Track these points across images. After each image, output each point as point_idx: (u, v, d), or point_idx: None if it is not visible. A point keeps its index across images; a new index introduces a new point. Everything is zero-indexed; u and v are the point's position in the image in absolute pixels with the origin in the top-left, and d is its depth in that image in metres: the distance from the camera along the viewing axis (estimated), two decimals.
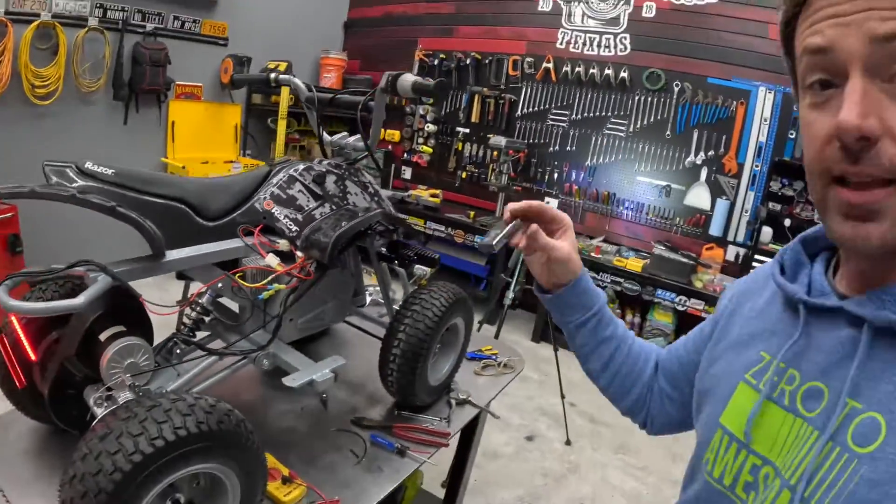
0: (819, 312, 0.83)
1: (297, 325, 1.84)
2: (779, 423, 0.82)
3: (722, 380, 0.96)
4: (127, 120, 5.80)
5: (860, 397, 0.72)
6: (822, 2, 0.70)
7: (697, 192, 5.91)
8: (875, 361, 0.72)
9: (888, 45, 0.63)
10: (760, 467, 0.83)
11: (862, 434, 0.69)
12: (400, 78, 1.81)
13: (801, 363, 0.82)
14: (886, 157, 0.65)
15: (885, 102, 0.65)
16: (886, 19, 0.63)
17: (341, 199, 1.84)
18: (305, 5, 7.41)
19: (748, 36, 5.59)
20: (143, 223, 1.32)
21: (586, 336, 1.24)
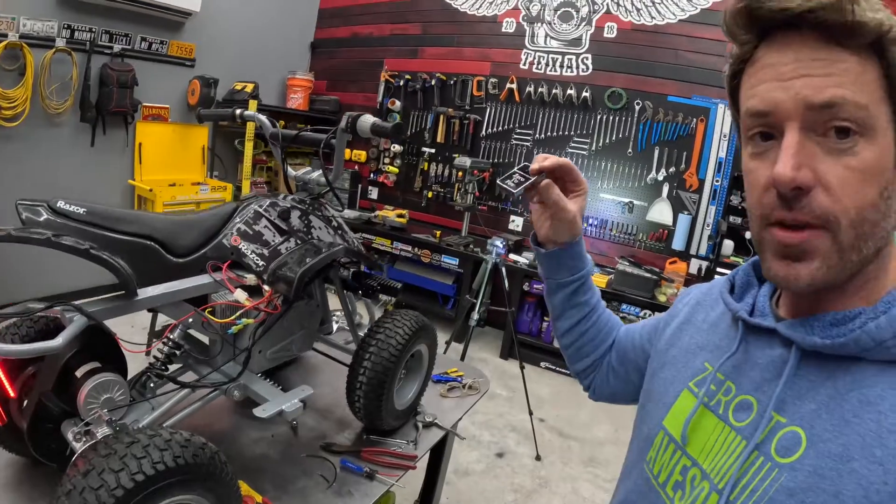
0: (757, 331, 0.90)
1: (266, 356, 1.89)
2: (711, 429, 0.89)
3: (669, 386, 1.03)
4: (94, 142, 5.76)
5: (785, 412, 0.79)
6: (765, 62, 0.78)
7: (660, 207, 6.01)
8: (802, 381, 0.79)
9: (822, 110, 0.71)
10: (689, 468, 0.90)
11: (784, 446, 0.77)
12: (359, 119, 1.88)
13: (738, 377, 0.89)
14: (817, 205, 0.73)
15: (819, 155, 0.73)
16: (821, 87, 0.71)
17: (306, 233, 1.90)
18: (272, 26, 7.43)
19: (707, 55, 5.71)
20: (115, 265, 1.37)
21: (565, 297, 1.31)
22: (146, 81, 5.95)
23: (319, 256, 1.74)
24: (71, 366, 1.45)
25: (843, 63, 0.71)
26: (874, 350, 0.73)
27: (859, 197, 0.72)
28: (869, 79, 0.72)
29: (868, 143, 0.72)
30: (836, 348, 0.76)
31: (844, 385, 0.75)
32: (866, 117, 0.71)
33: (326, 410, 2.17)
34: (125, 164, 6.15)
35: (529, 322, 6.21)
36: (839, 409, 0.73)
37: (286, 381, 2.24)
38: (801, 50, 0.74)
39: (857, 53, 0.72)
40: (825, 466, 0.71)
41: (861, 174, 0.72)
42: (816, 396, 0.77)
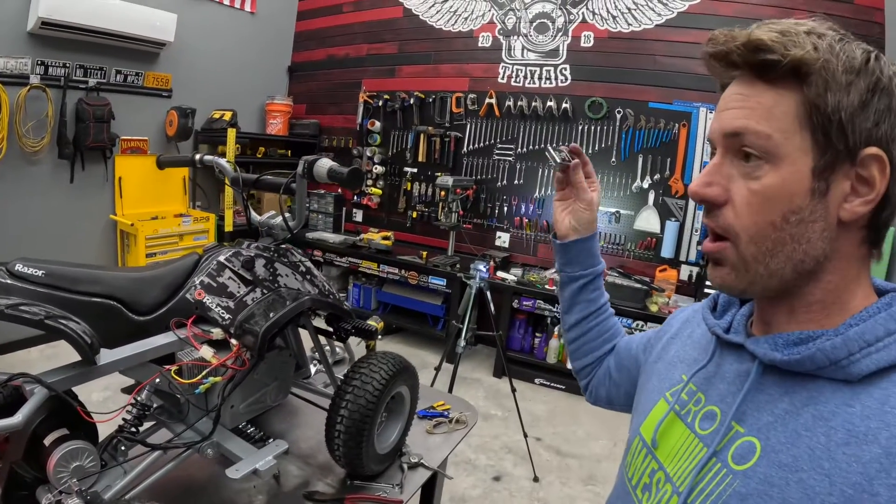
0: (729, 346, 0.97)
1: (238, 411, 1.83)
2: (678, 436, 0.96)
3: (650, 395, 1.12)
4: (73, 178, 5.71)
5: (744, 423, 0.84)
6: (721, 97, 0.88)
7: (647, 215, 5.98)
8: (762, 394, 0.85)
9: (733, 138, 0.82)
10: (656, 471, 0.97)
11: (740, 454, 0.82)
12: (316, 164, 1.83)
13: (708, 388, 0.96)
14: (722, 218, 0.84)
15: (734, 177, 0.83)
16: (732, 119, 0.82)
17: (272, 282, 1.85)
18: (248, 51, 7.41)
19: (686, 59, 5.71)
20: (71, 334, 1.32)
21: (575, 290, 1.41)
22: (123, 114, 5.91)
23: (283, 311, 1.69)
24: (39, 434, 1.39)
25: (758, 97, 0.81)
26: (829, 368, 0.77)
27: (759, 216, 0.80)
28: (781, 111, 0.79)
29: (772, 169, 0.79)
30: (793, 364, 0.80)
31: (800, 400, 0.79)
32: (768, 146, 0.79)
33: (309, 455, 2.11)
34: (106, 200, 6.10)
35: (521, 339, 6.15)
36: (794, 422, 0.78)
37: (266, 425, 2.17)
38: (736, 86, 0.85)
39: (776, 87, 0.79)
40: (775, 475, 0.76)
41: (760, 197, 0.80)
42: (774, 409, 0.82)
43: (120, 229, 6.14)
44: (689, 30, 5.68)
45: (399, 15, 7.18)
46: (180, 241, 6.16)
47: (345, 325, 2.13)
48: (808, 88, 0.76)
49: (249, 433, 1.94)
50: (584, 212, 1.36)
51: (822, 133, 0.77)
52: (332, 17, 7.77)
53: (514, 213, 6.56)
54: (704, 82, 5.58)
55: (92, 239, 6.05)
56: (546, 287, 5.85)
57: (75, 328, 1.35)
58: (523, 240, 6.56)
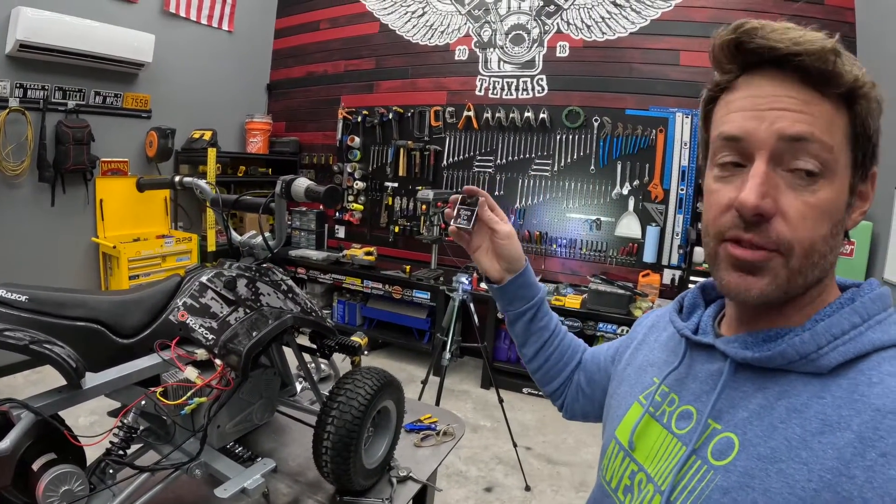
0: (699, 347, 0.98)
1: (225, 430, 1.83)
2: (655, 437, 0.97)
3: (622, 400, 1.12)
4: (54, 201, 5.68)
5: (721, 420, 0.86)
6: (744, 92, 0.84)
7: (627, 221, 6.01)
8: (736, 391, 0.86)
9: (793, 143, 0.78)
10: (636, 473, 0.98)
11: (719, 450, 0.84)
12: (294, 183, 1.84)
13: (681, 389, 0.98)
14: (775, 233, 0.79)
15: (782, 188, 0.79)
16: (794, 121, 0.77)
17: (254, 301, 1.85)
18: (227, 70, 7.43)
19: (661, 65, 5.80)
20: (56, 359, 1.33)
21: (524, 325, 1.40)
22: (103, 136, 5.90)
23: (266, 329, 1.69)
24: (27, 459, 1.39)
25: (818, 106, 0.78)
26: (799, 362, 0.80)
27: (814, 230, 0.79)
28: (837, 126, 0.79)
29: (827, 184, 0.79)
30: (765, 361, 0.83)
31: (774, 395, 0.82)
32: (829, 159, 0.78)
33: (298, 473, 2.11)
34: (87, 222, 6.07)
35: (507, 349, 6.16)
36: (769, 416, 0.80)
37: (253, 444, 2.17)
38: (779, 86, 0.80)
39: (831, 101, 0.79)
40: (755, 467, 0.78)
41: (819, 210, 0.78)
42: (749, 405, 0.84)
43: (102, 252, 6.11)
44: (663, 36, 5.77)
45: (376, 31, 7.22)
46: (163, 262, 6.14)
47: (328, 342, 2.14)
48: (860, 109, 0.79)
49: (237, 452, 1.94)
50: (508, 247, 1.34)
51: (863, 153, 0.82)
52: (310, 34, 7.80)
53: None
54: (680, 88, 5.68)
55: (74, 262, 6.02)
56: None
57: (60, 352, 1.36)
58: None
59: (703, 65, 5.61)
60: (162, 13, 6.48)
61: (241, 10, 7.45)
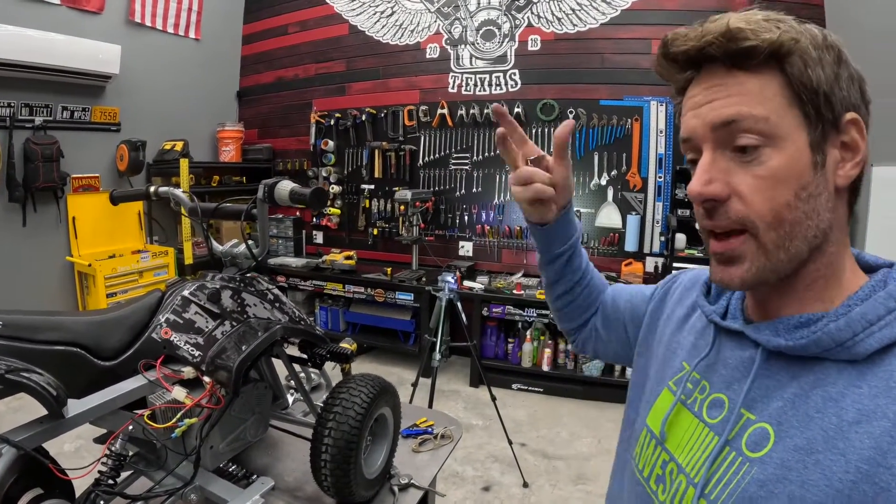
0: (728, 333, 0.96)
1: (218, 451, 1.76)
2: (687, 426, 0.95)
3: (654, 385, 1.10)
4: (26, 221, 5.59)
5: (754, 410, 0.84)
6: (688, 95, 0.88)
7: (607, 211, 6.04)
8: (770, 380, 0.84)
9: (725, 128, 0.80)
10: (668, 462, 0.96)
11: (754, 441, 0.82)
12: (277, 187, 1.77)
13: (711, 376, 0.95)
14: (733, 212, 0.81)
15: (732, 169, 0.81)
16: (721, 108, 0.81)
17: (240, 313, 1.79)
18: (195, 79, 7.34)
19: (633, 54, 5.83)
20: (35, 387, 1.26)
21: (560, 266, 1.33)
22: (72, 152, 5.82)
23: (256, 342, 1.63)
24: (12, 495, 1.33)
25: (741, 84, 0.80)
26: (834, 350, 0.78)
27: (772, 201, 0.79)
28: (770, 93, 0.79)
29: (775, 151, 0.79)
30: (799, 349, 0.81)
31: (808, 383, 0.79)
32: (767, 128, 0.78)
33: (296, 489, 2.04)
34: (61, 241, 5.97)
35: (494, 346, 6.13)
36: (804, 405, 0.78)
37: (248, 462, 2.11)
38: (708, 80, 0.84)
39: (756, 72, 0.80)
40: (792, 459, 0.76)
41: (770, 180, 0.79)
42: (783, 394, 0.81)
43: (78, 271, 6.02)
44: (634, 26, 5.80)
45: (345, 32, 7.17)
46: (140, 277, 6.05)
47: (319, 351, 2.07)
48: (791, 68, 0.78)
49: (232, 472, 1.88)
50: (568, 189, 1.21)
51: (812, 107, 0.79)
52: (278, 38, 7.73)
53: (475, 222, 6.58)
54: (653, 77, 5.54)
55: (49, 283, 5.91)
56: (514, 292, 5.85)
57: (39, 380, 1.29)
58: (487, 247, 6.56)
59: None
60: (127, 23, 6.38)
61: (207, 18, 7.37)
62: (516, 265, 6.46)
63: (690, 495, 0.87)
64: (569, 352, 5.84)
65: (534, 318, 5.80)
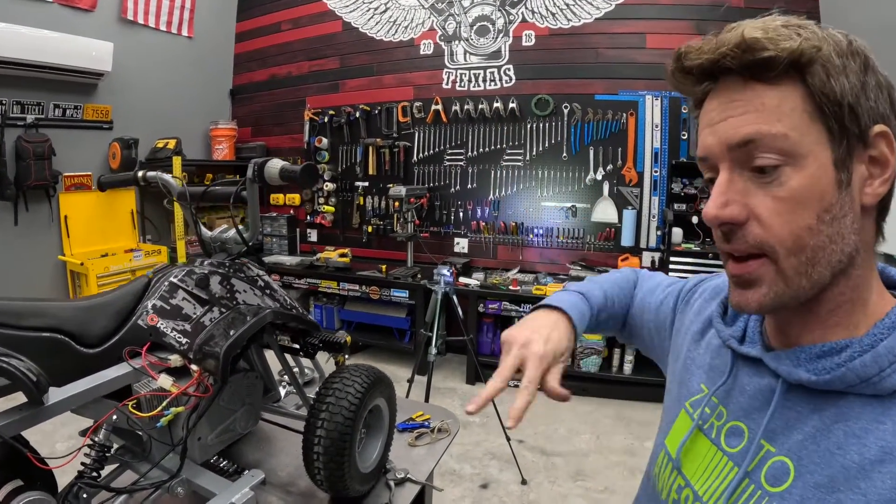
0: (746, 359, 0.92)
1: (207, 442, 1.72)
2: (704, 452, 0.92)
3: (672, 405, 1.08)
4: (17, 220, 5.56)
5: (775, 442, 0.81)
6: (704, 110, 0.83)
7: (603, 206, 6.00)
8: (790, 411, 0.81)
9: (742, 148, 0.75)
10: (683, 488, 0.94)
11: (773, 476, 0.79)
12: (267, 165, 1.72)
13: (728, 402, 0.92)
14: (751, 236, 0.77)
15: (751, 190, 0.77)
16: (738, 127, 0.76)
17: (230, 299, 1.74)
18: (188, 77, 7.30)
19: (628, 49, 5.83)
20: (15, 373, 1.21)
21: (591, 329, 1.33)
22: (64, 150, 5.78)
23: (244, 328, 1.58)
24: None
25: (760, 99, 0.75)
26: (859, 385, 0.74)
27: (792, 225, 0.75)
28: (789, 107, 0.74)
29: (795, 171, 0.74)
30: (822, 384, 0.77)
31: (830, 417, 0.76)
32: (787, 146, 0.73)
33: (289, 483, 2.01)
34: (53, 240, 5.95)
35: (491, 343, 6.11)
36: (825, 440, 0.75)
37: (239, 456, 2.07)
38: (725, 94, 0.78)
39: (776, 85, 0.74)
40: (812, 497, 0.73)
41: (790, 203, 0.74)
42: (804, 427, 0.79)
43: (70, 269, 5.99)
44: (629, 20, 5.80)
45: (339, 29, 7.13)
46: (133, 276, 5.99)
47: (312, 340, 2.03)
48: (812, 78, 0.73)
49: (222, 466, 1.83)
50: None
51: (836, 121, 0.73)
52: (272, 36, 7.69)
53: (470, 218, 6.55)
54: (648, 71, 5.70)
55: (41, 282, 5.89)
56: (510, 288, 5.82)
57: (19, 366, 1.24)
58: (482, 243, 6.53)
59: (670, 46, 5.59)
60: (120, 21, 6.35)
61: (200, 16, 7.34)
62: (512, 261, 6.42)
63: None
64: None
65: None
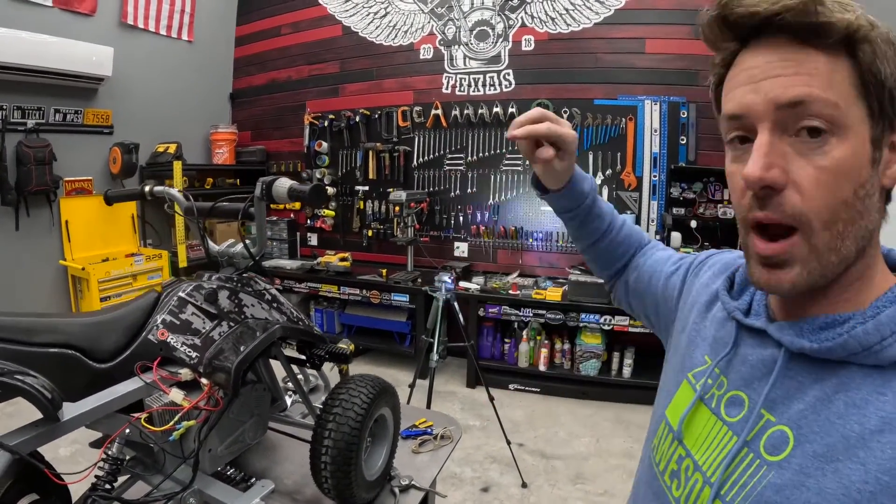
0: (750, 330, 0.92)
1: (217, 454, 1.74)
2: (704, 422, 0.93)
3: (674, 375, 1.07)
4: (18, 225, 5.56)
5: (774, 411, 0.81)
6: (741, 66, 0.80)
7: None
8: (791, 381, 0.81)
9: (791, 109, 0.73)
10: (683, 458, 0.94)
11: (773, 444, 0.79)
12: (275, 184, 1.74)
13: (729, 372, 0.92)
14: (789, 205, 0.75)
15: (791, 155, 0.75)
16: (788, 86, 0.73)
17: (238, 313, 1.76)
18: (188, 81, 7.30)
19: (627, 54, 5.84)
20: (30, 390, 1.24)
21: (577, 224, 1.35)
22: (65, 155, 5.77)
23: (254, 343, 1.61)
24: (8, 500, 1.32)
25: (812, 63, 0.73)
26: (861, 354, 0.75)
27: (831, 196, 0.74)
28: (839, 78, 0.73)
29: (840, 142, 0.73)
30: (824, 352, 0.78)
31: (831, 387, 0.76)
32: (836, 115, 0.72)
33: (295, 491, 2.03)
34: (54, 245, 5.94)
35: (491, 346, 6.13)
36: (826, 410, 0.75)
37: (246, 465, 2.09)
38: (772, 52, 0.76)
39: (828, 53, 0.73)
40: (811, 465, 0.74)
41: (833, 173, 0.73)
42: (804, 397, 0.79)
43: (71, 274, 5.99)
44: (628, 25, 5.81)
45: (339, 34, 7.14)
46: (134, 281, 6.03)
47: (318, 352, 2.05)
48: (863, 55, 0.73)
49: (230, 476, 1.85)
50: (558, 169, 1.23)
51: (878, 101, 0.74)
52: (271, 40, 7.70)
53: (470, 222, 6.56)
54: (647, 76, 5.73)
55: (43, 287, 5.89)
56: (510, 292, 5.85)
57: (34, 383, 1.27)
58: (482, 247, 6.54)
59: (669, 52, 5.66)
60: (120, 25, 6.35)
61: (200, 20, 7.34)
62: (512, 265, 6.44)
63: (706, 495, 0.85)
64: (565, 351, 5.84)
65: (530, 318, 5.79)
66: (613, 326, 5.48)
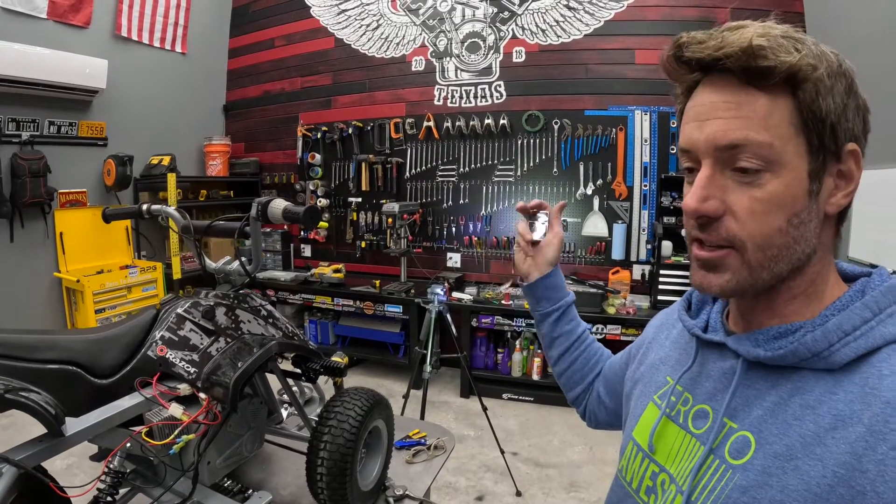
0: (710, 345, 0.99)
1: (216, 466, 1.78)
2: (673, 437, 0.98)
3: (638, 400, 1.13)
4: (13, 237, 5.57)
5: (736, 419, 0.87)
6: (694, 101, 0.87)
7: (593, 221, 6.06)
8: (750, 389, 0.87)
9: (729, 150, 0.80)
10: (658, 474, 0.98)
11: (736, 449, 0.84)
12: (270, 205, 1.78)
13: (694, 388, 0.98)
14: (724, 230, 0.83)
15: (730, 187, 0.82)
16: (728, 130, 0.80)
17: (235, 329, 1.80)
18: (182, 93, 7.33)
19: (617, 65, 5.91)
20: (34, 406, 1.27)
21: (550, 326, 1.47)
22: (59, 167, 5.80)
23: (252, 358, 1.64)
24: None
25: (752, 105, 0.79)
26: (811, 360, 0.80)
27: (764, 225, 0.81)
28: (777, 117, 0.79)
29: (774, 177, 0.80)
30: (778, 359, 0.83)
31: (787, 392, 0.82)
32: (770, 154, 0.79)
33: (292, 502, 2.05)
34: (49, 257, 5.95)
35: (484, 356, 6.14)
36: (783, 413, 0.81)
37: (242, 476, 2.12)
38: (718, 92, 0.82)
39: (769, 93, 0.79)
40: (772, 465, 0.79)
41: (766, 204, 0.80)
42: (763, 403, 0.84)
43: (66, 286, 5.99)
44: (618, 37, 5.88)
45: (331, 46, 7.19)
46: (129, 293, 6.05)
47: (313, 366, 2.09)
48: (803, 94, 0.78)
49: (228, 487, 1.88)
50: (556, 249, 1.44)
51: (818, 136, 0.80)
52: (265, 52, 7.74)
53: (462, 233, 6.60)
54: (637, 86, 5.78)
55: (38, 299, 5.90)
56: (503, 302, 5.87)
57: (37, 399, 1.30)
58: (475, 258, 6.59)
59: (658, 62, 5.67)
60: (113, 37, 6.39)
61: (194, 32, 7.38)
62: (504, 276, 6.47)
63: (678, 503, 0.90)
64: None
65: (523, 328, 5.82)
66: (606, 335, 5.49)
